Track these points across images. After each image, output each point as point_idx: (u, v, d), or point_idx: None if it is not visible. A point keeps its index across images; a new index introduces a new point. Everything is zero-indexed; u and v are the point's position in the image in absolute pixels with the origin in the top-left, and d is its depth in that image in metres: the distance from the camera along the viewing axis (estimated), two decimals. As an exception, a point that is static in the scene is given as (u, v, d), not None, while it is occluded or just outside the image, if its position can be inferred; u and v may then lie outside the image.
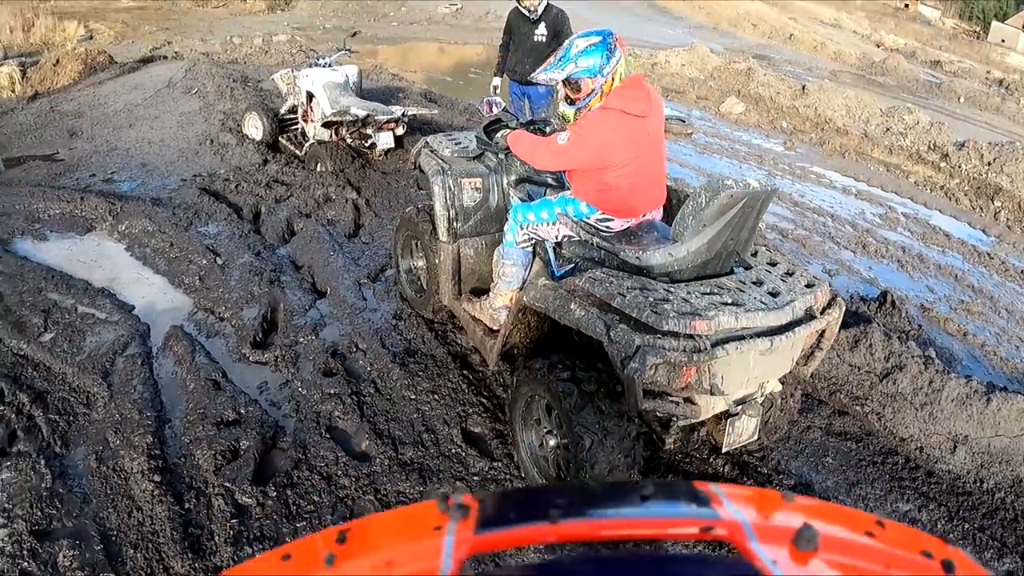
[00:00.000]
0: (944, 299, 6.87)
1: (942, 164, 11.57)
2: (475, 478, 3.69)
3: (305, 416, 3.96)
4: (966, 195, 10.34)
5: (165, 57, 11.42)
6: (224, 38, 12.81)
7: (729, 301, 3.04)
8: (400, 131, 7.53)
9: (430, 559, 0.85)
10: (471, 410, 4.17)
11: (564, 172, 3.90)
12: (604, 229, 3.63)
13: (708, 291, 3.13)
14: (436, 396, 4.22)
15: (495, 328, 4.08)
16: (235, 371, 4.29)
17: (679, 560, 0.96)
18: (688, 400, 3.13)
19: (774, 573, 0.83)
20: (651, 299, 2.95)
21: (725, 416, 3.35)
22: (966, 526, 3.89)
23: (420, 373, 4.41)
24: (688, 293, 3.09)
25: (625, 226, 3.67)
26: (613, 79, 3.44)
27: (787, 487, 3.95)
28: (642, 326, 2.89)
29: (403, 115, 7.39)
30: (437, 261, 4.46)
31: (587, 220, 3.65)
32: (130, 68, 10.48)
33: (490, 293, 4.18)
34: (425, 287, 4.89)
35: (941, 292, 7.03)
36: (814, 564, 0.86)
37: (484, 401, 4.29)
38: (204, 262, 5.32)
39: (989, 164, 11.12)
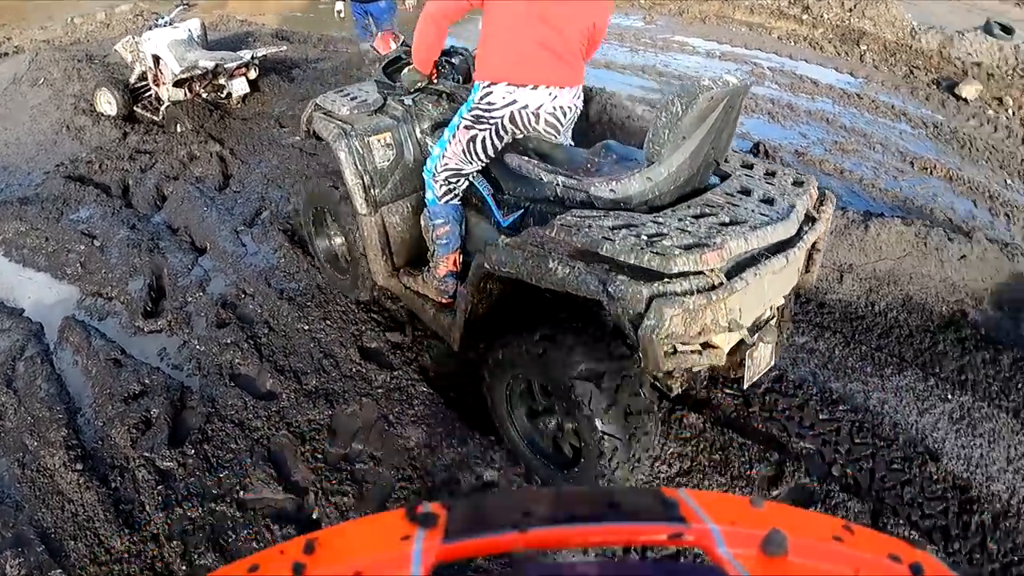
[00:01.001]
0: (818, 142, 7.13)
1: (804, 16, 11.78)
2: (379, 391, 3.78)
3: (208, 371, 3.98)
4: (830, 43, 10.59)
5: (6, 54, 10.86)
6: (64, 21, 12.21)
7: (727, 220, 2.58)
8: (253, 75, 7.39)
9: (399, 568, 0.84)
10: (364, 328, 4.25)
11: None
12: (487, 106, 3.22)
13: (700, 213, 2.66)
14: (328, 322, 4.28)
15: (444, 301, 3.71)
16: (133, 345, 4.26)
17: (653, 569, 0.96)
18: (707, 344, 2.61)
19: None
20: (645, 237, 2.44)
21: (740, 347, 2.77)
22: (863, 348, 4.12)
23: (309, 304, 4.45)
24: (680, 221, 2.58)
25: (511, 98, 3.19)
26: None
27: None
28: (645, 272, 2.38)
29: (252, 58, 7.22)
30: (361, 237, 3.98)
31: (476, 104, 3.26)
32: (-31, 73, 9.93)
33: (430, 263, 3.80)
34: (350, 268, 4.37)
35: (814, 136, 7.29)
36: (783, 569, 0.86)
37: (375, 316, 4.36)
38: (82, 248, 5.18)
39: (850, 10, 11.37)
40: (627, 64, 9.31)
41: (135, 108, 7.43)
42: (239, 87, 7.27)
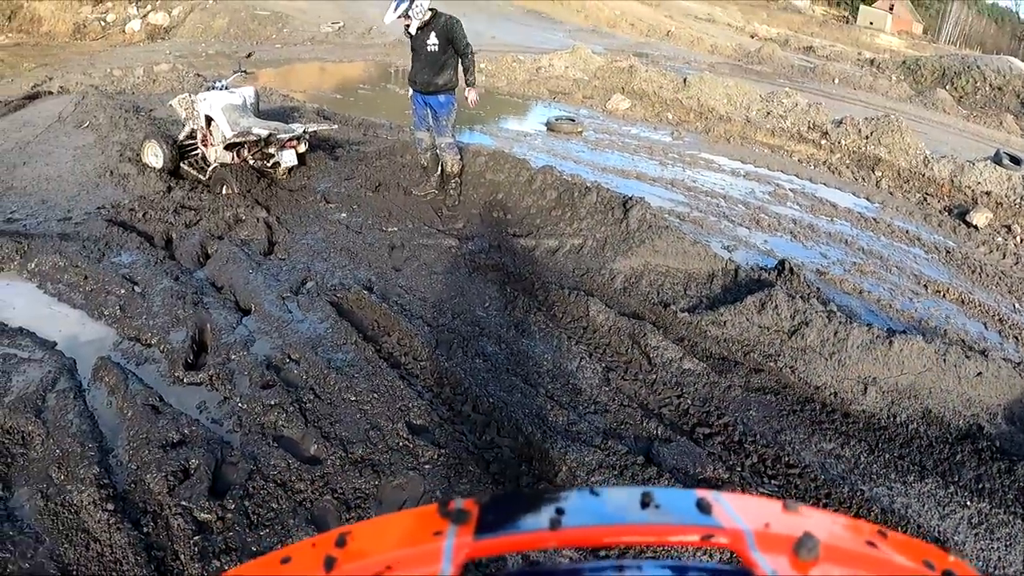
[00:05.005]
0: (838, 263, 7.33)
1: (823, 141, 12.23)
2: (426, 467, 3.78)
3: (249, 429, 3.97)
4: (848, 168, 10.98)
5: (51, 92, 11.08)
6: (104, 71, 12.47)
7: None
8: (302, 148, 7.56)
9: (430, 563, 0.85)
10: (411, 404, 4.25)
11: None
12: None
13: None
14: (375, 395, 4.29)
15: None
16: (171, 394, 4.25)
17: (684, 569, 0.95)
18: None
19: None
20: None
21: None
22: (886, 456, 4.25)
23: (356, 375, 4.46)
24: None
25: None
26: None
27: (718, 443, 4.19)
28: None
29: (304, 132, 7.43)
30: None
31: None
32: (16, 105, 10.10)
33: None
34: None
35: (834, 256, 7.50)
36: (815, 573, 0.86)
37: (422, 394, 4.38)
38: (123, 291, 5.22)
39: (867, 137, 11.82)
40: (657, 177, 9.64)
41: (181, 164, 7.53)
42: (288, 159, 7.42)
